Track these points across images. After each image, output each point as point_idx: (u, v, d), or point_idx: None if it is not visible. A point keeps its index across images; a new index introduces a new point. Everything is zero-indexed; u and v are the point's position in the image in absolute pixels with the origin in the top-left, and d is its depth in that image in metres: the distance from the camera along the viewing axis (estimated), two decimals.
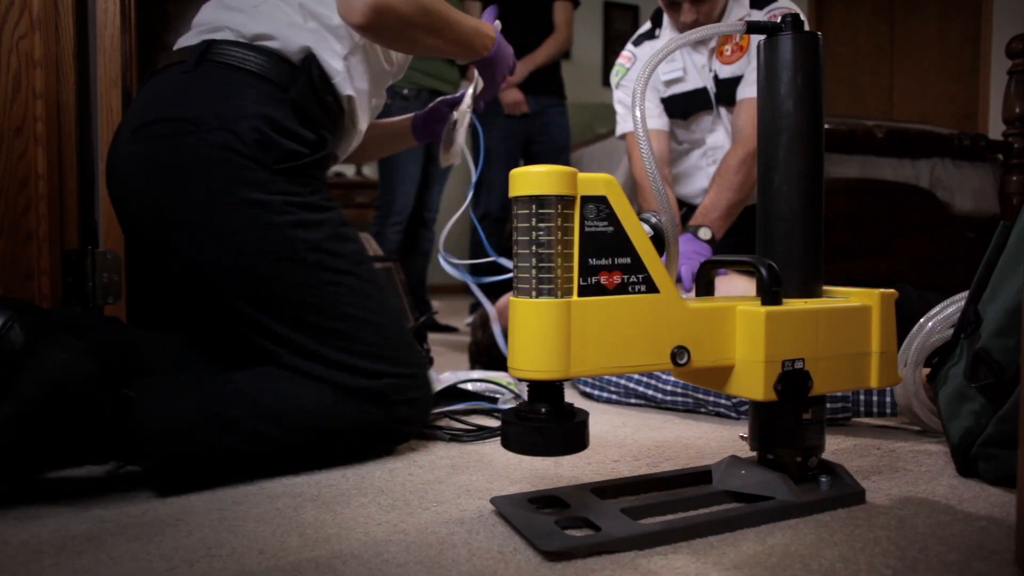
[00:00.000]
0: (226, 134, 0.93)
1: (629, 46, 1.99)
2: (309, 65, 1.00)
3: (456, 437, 1.13)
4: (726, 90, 1.80)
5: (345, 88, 1.04)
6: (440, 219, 2.95)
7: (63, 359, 0.82)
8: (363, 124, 1.14)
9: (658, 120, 1.92)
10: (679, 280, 1.58)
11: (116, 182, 1.00)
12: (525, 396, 1.40)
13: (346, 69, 1.04)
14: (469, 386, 1.40)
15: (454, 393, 1.39)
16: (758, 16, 1.74)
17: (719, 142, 1.88)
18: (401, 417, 1.01)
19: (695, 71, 1.86)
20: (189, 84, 0.98)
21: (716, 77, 1.82)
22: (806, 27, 0.84)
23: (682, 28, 1.80)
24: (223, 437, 0.90)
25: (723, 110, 1.85)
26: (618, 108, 2.00)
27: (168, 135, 0.94)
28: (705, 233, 1.67)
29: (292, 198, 0.97)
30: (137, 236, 1.02)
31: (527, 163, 3.03)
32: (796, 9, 1.70)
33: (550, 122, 2.97)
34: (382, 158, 2.70)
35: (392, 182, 2.76)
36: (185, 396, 0.90)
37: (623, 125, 1.99)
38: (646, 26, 1.98)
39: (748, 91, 1.75)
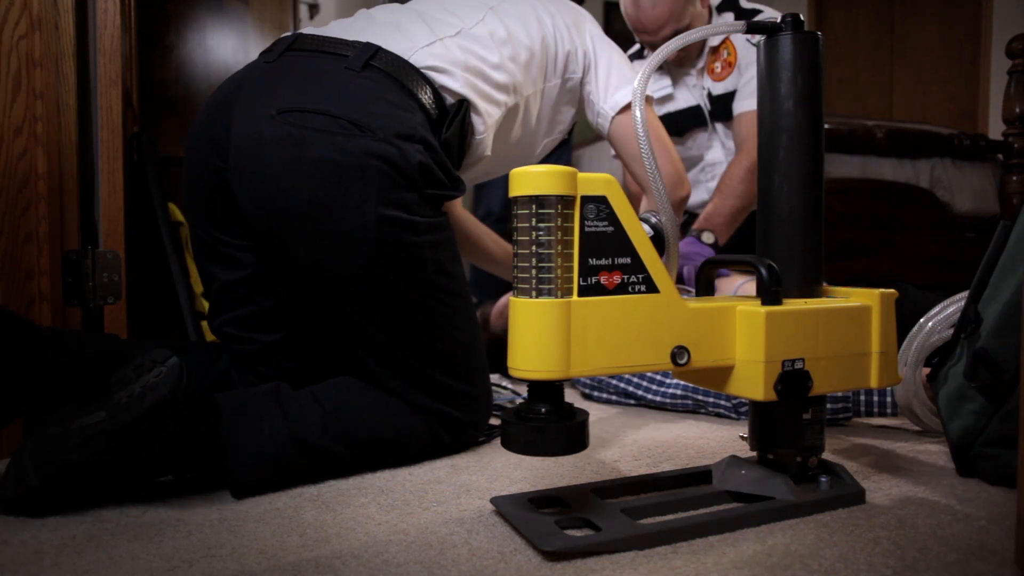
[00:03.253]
0: (394, 149, 0.92)
1: None
2: (465, 112, 1.02)
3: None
4: (720, 106, 1.81)
5: (486, 150, 1.07)
6: None
7: (174, 376, 0.81)
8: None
9: None
10: (680, 280, 1.58)
11: (245, 157, 0.94)
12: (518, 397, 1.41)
13: (491, 133, 1.08)
14: None
15: None
16: None
17: (717, 158, 1.90)
18: (464, 441, 1.04)
19: (686, 90, 1.87)
20: (355, 85, 0.96)
21: (710, 94, 1.83)
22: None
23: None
24: (307, 463, 0.91)
25: (719, 126, 1.86)
26: None
27: (328, 131, 0.91)
28: (708, 237, 1.67)
29: (431, 219, 0.97)
30: (255, 220, 0.96)
31: None
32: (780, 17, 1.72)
33: None
34: None
35: None
36: (272, 422, 0.89)
37: None
38: (636, 47, 1.99)
39: (747, 104, 1.75)
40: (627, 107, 1.19)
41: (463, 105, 1.03)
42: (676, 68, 1.86)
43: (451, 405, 1.01)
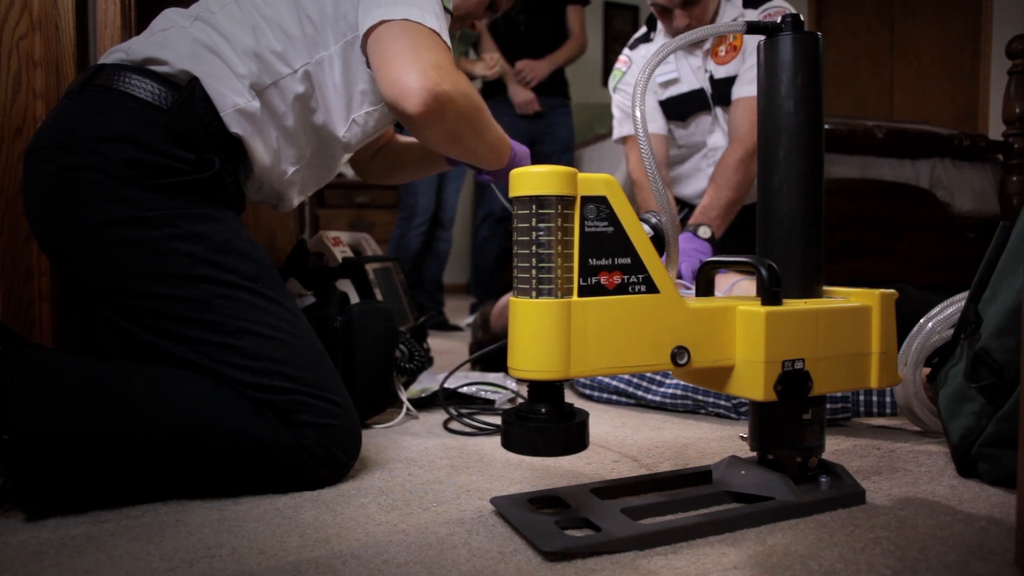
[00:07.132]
0: (90, 155, 0.92)
1: (625, 50, 2.00)
2: (192, 89, 0.97)
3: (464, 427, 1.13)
4: (722, 90, 1.81)
5: (233, 125, 0.99)
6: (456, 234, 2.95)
7: None
8: (272, 170, 1.06)
9: (655, 124, 1.93)
10: (679, 276, 1.58)
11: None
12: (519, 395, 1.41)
13: (243, 113, 1.00)
14: (464, 389, 1.40)
15: (448, 396, 1.39)
16: (752, 16, 1.74)
17: (718, 143, 1.89)
18: (309, 447, 0.89)
19: (691, 72, 1.86)
20: (68, 110, 0.97)
21: (712, 78, 1.82)
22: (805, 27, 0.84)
23: (674, 33, 1.80)
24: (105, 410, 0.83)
25: (719, 111, 1.85)
26: (615, 112, 2.00)
27: (40, 161, 0.94)
28: (704, 231, 1.68)
29: (171, 211, 0.93)
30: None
31: (531, 163, 3.02)
32: (791, 8, 1.71)
33: (555, 122, 2.97)
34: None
35: (414, 184, 2.74)
36: (68, 361, 0.87)
37: (620, 129, 2.00)
38: (641, 30, 1.99)
39: (743, 90, 1.75)
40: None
41: (191, 84, 0.98)
42: (684, 49, 1.86)
43: (263, 393, 0.90)
